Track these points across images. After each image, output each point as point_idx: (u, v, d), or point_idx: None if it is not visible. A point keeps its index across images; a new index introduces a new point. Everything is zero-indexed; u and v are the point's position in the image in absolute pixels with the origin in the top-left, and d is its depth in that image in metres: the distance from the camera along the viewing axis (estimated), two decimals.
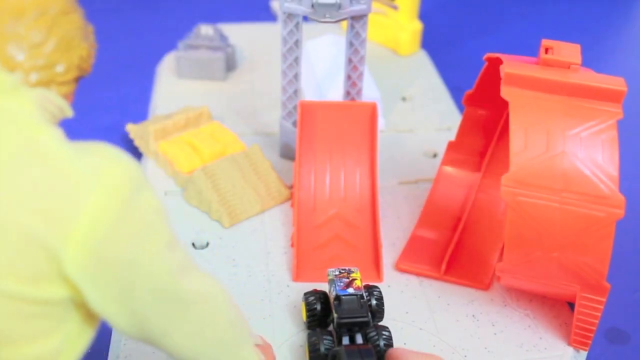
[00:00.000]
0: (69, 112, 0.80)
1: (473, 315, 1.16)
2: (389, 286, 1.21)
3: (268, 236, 1.32)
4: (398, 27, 1.96)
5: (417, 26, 1.97)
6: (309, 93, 1.68)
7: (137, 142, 1.53)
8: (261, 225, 1.34)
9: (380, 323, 1.11)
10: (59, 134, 0.71)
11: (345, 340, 1.02)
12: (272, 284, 1.21)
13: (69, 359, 0.75)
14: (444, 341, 1.11)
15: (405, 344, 1.10)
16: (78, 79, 0.83)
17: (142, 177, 0.71)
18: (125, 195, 0.68)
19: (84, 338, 0.76)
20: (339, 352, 0.97)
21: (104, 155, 0.70)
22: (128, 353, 1.07)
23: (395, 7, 1.95)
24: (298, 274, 1.22)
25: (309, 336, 1.05)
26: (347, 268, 1.10)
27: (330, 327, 1.10)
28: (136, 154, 1.54)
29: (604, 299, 1.04)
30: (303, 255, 1.25)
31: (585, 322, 1.07)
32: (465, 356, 1.08)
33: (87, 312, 0.74)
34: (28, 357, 0.71)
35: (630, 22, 2.45)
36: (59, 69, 0.78)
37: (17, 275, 0.67)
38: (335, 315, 1.03)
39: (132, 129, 1.55)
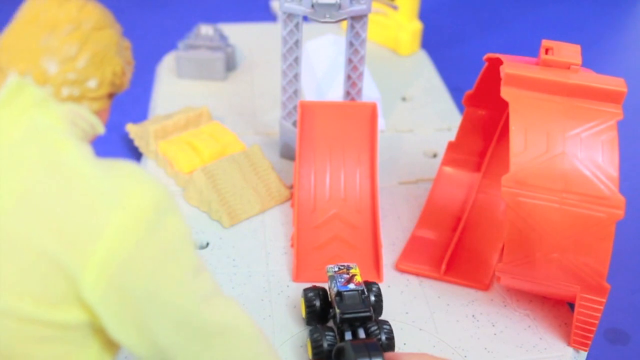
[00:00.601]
0: (101, 129, 0.78)
1: (473, 316, 1.16)
2: (389, 286, 1.21)
3: (268, 236, 1.32)
4: (398, 27, 1.96)
5: (417, 26, 1.97)
6: (309, 93, 1.68)
7: (137, 142, 1.53)
8: (261, 225, 1.34)
9: (381, 318, 1.12)
10: (85, 151, 0.69)
11: (348, 336, 1.03)
12: (272, 284, 1.21)
13: None
14: (443, 341, 1.11)
15: (405, 344, 1.10)
16: (112, 95, 0.81)
17: (168, 201, 0.69)
18: (149, 219, 0.66)
19: None
20: (345, 347, 0.97)
21: (130, 177, 0.68)
22: (128, 353, 1.07)
23: (395, 7, 1.95)
24: (298, 274, 1.22)
25: (311, 332, 1.05)
26: (345, 264, 1.10)
27: (330, 323, 1.10)
28: (136, 154, 1.54)
29: (604, 300, 1.04)
30: (303, 256, 1.25)
31: (585, 322, 1.07)
32: (465, 356, 1.08)
33: (106, 340, 0.72)
34: None
35: (630, 22, 2.45)
36: (91, 84, 0.77)
37: (34, 296, 0.65)
38: (337, 310, 1.03)
39: (132, 129, 1.55)
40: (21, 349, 0.68)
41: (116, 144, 1.59)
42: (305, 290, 1.11)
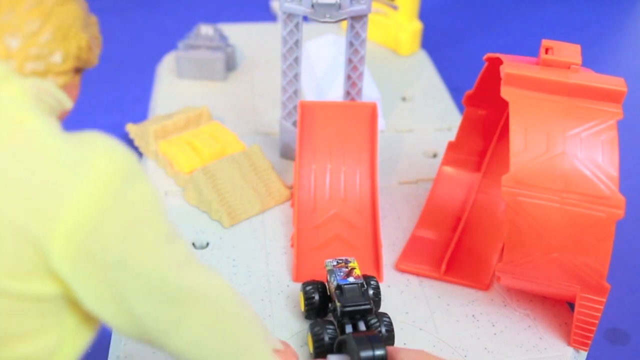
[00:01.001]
0: (68, 104, 0.78)
1: (473, 316, 1.16)
2: (389, 286, 1.21)
3: (268, 236, 1.32)
4: (398, 27, 1.96)
5: (417, 26, 1.97)
6: (309, 93, 1.68)
7: (137, 142, 1.53)
8: (261, 225, 1.34)
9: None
10: (50, 123, 0.69)
11: (349, 329, 1.03)
12: (272, 284, 1.21)
13: (66, 359, 0.73)
14: (443, 341, 1.11)
15: (405, 344, 1.10)
16: (80, 71, 0.80)
17: (135, 168, 0.68)
18: (115, 187, 0.65)
19: (81, 338, 0.74)
20: (347, 339, 0.97)
21: (95, 146, 0.68)
22: (128, 353, 1.07)
23: (395, 7, 1.95)
24: (298, 274, 1.22)
25: (312, 326, 1.06)
26: (344, 258, 1.11)
27: (330, 317, 1.11)
28: (136, 154, 1.54)
29: (604, 300, 1.04)
30: (303, 256, 1.25)
31: (585, 322, 1.07)
32: (465, 356, 1.08)
33: (84, 312, 0.72)
34: (22, 356, 0.69)
35: (630, 22, 2.45)
36: (56, 58, 0.76)
37: (4, 269, 0.65)
38: (338, 304, 1.04)
39: (132, 129, 1.55)
40: None
41: None
42: (304, 284, 1.12)
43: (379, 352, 0.94)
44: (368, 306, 1.04)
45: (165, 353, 0.76)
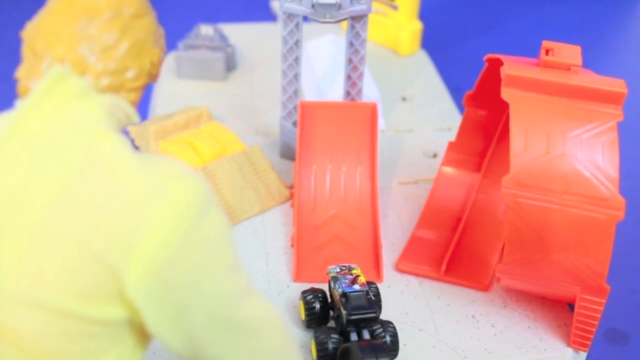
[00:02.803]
0: (136, 120, 0.77)
1: (473, 316, 1.16)
2: (389, 287, 1.21)
3: (268, 236, 1.32)
4: (398, 27, 1.96)
5: (417, 26, 1.97)
6: (309, 93, 1.68)
7: (137, 142, 1.53)
8: (261, 225, 1.34)
9: (381, 317, 1.12)
10: (125, 143, 0.69)
11: (353, 337, 1.03)
12: (272, 284, 1.21)
13: None
14: (443, 342, 1.11)
15: (405, 344, 1.10)
16: (146, 86, 0.79)
17: (209, 196, 0.69)
18: (193, 215, 0.66)
19: (136, 357, 0.74)
20: (352, 348, 0.98)
21: (171, 171, 0.68)
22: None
23: (395, 7, 1.95)
24: (298, 275, 1.22)
25: (316, 333, 1.05)
26: (347, 265, 1.11)
27: (331, 324, 1.10)
28: None
29: (603, 301, 1.04)
30: (303, 256, 1.25)
31: (584, 323, 1.07)
32: (465, 357, 1.09)
33: (140, 333, 0.72)
34: None
35: (630, 22, 2.45)
36: (130, 74, 0.75)
37: (76, 292, 0.65)
38: (344, 312, 1.03)
39: (132, 129, 1.55)
40: (59, 345, 0.67)
41: None
42: (304, 293, 1.11)
43: None
44: (374, 314, 1.03)
45: None
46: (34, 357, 0.68)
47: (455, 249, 1.27)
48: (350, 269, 1.10)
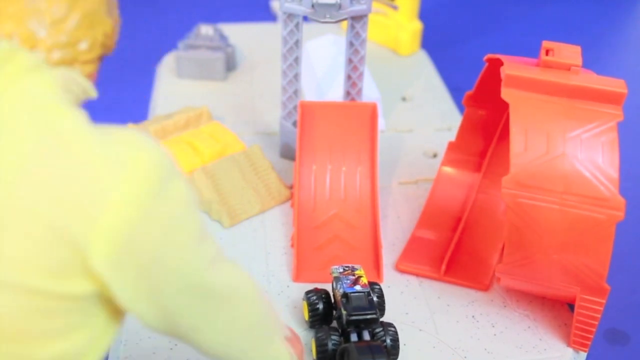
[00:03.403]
0: (93, 93, 0.76)
1: (473, 316, 1.16)
2: (389, 287, 1.21)
3: (268, 236, 1.32)
4: (398, 27, 1.96)
5: (417, 26, 1.97)
6: (309, 93, 1.68)
7: None
8: (261, 225, 1.34)
9: (383, 319, 1.12)
10: (82, 117, 0.67)
11: (353, 337, 1.03)
12: (272, 284, 1.21)
13: (95, 356, 0.73)
14: (443, 342, 1.11)
15: (405, 344, 1.10)
16: (102, 58, 0.78)
17: (171, 166, 0.68)
18: (155, 185, 0.65)
19: (109, 334, 0.73)
20: (349, 349, 0.98)
21: (131, 142, 0.66)
22: (128, 354, 1.07)
23: (395, 7, 1.95)
24: (298, 275, 1.22)
25: (316, 333, 1.05)
26: (350, 265, 1.11)
27: (334, 324, 1.10)
28: None
29: (603, 301, 1.04)
30: (303, 256, 1.25)
31: (584, 323, 1.07)
32: (465, 357, 1.09)
33: (112, 308, 0.72)
34: (55, 355, 0.69)
35: (630, 22, 2.45)
36: (83, 46, 0.73)
37: (41, 269, 0.64)
38: (344, 312, 1.03)
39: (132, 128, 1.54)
40: (30, 323, 0.67)
41: None
42: (308, 294, 1.11)
43: None
44: (374, 315, 1.03)
45: (192, 347, 0.77)
46: (6, 337, 0.67)
47: (455, 249, 1.27)
48: (353, 269, 1.10)
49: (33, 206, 0.63)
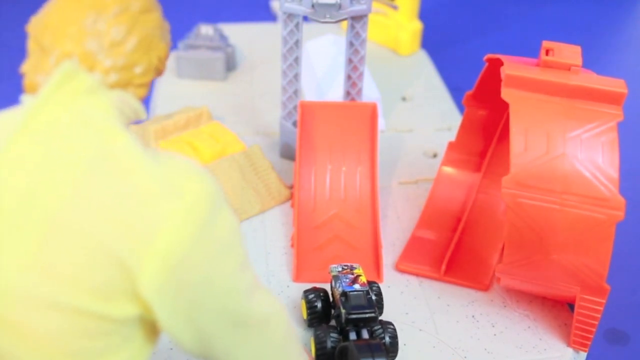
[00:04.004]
0: (144, 115, 0.76)
1: (473, 316, 1.16)
2: (389, 287, 1.21)
3: (268, 236, 1.32)
4: (398, 27, 1.96)
5: (417, 26, 1.97)
6: (309, 93, 1.68)
7: None
8: (261, 225, 1.34)
9: (381, 318, 1.12)
10: (135, 140, 0.68)
11: (352, 336, 1.03)
12: (272, 284, 1.21)
13: None
14: (443, 342, 1.11)
15: (405, 344, 1.10)
16: (152, 82, 0.79)
17: (220, 195, 0.69)
18: (206, 214, 0.66)
19: (145, 355, 0.74)
20: (349, 347, 0.98)
21: (185, 170, 0.68)
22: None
23: (395, 7, 1.95)
24: (298, 275, 1.22)
25: (315, 331, 1.06)
26: (349, 264, 1.11)
27: (333, 323, 1.11)
28: None
29: (603, 301, 1.04)
30: (303, 256, 1.25)
31: (584, 323, 1.07)
32: (465, 357, 1.09)
33: (150, 331, 0.73)
34: None
35: (630, 22, 2.45)
36: (138, 70, 0.74)
37: (89, 290, 0.65)
38: (343, 311, 1.04)
39: (132, 129, 1.54)
40: (73, 343, 0.67)
41: None
42: (306, 292, 1.12)
43: None
44: (373, 314, 1.03)
45: None
46: (47, 355, 0.68)
47: (455, 249, 1.27)
48: (352, 268, 1.10)
49: (86, 226, 0.64)
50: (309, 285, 1.17)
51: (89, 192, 0.64)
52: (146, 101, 1.77)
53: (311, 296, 1.10)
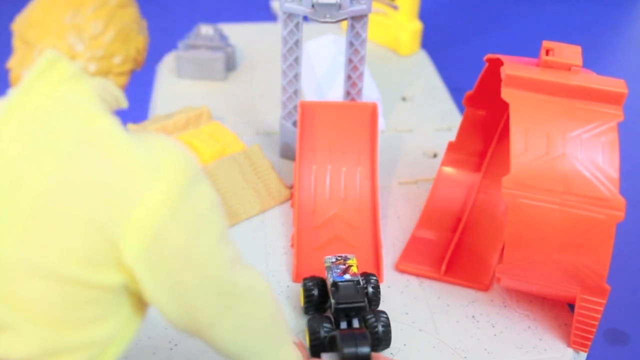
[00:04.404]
0: (124, 103, 0.81)
1: (473, 316, 1.16)
2: (389, 287, 1.21)
3: (268, 236, 1.32)
4: (398, 27, 1.96)
5: (417, 26, 1.97)
6: (309, 93, 1.68)
7: None
8: (261, 225, 1.34)
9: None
10: (117, 122, 0.73)
11: (343, 325, 1.05)
12: (272, 284, 1.21)
13: (120, 346, 0.78)
14: (443, 342, 1.11)
15: (405, 344, 1.10)
16: (132, 72, 0.84)
17: (198, 169, 0.74)
18: (184, 186, 0.71)
19: (133, 326, 0.79)
20: (335, 336, 1.01)
21: (163, 146, 0.73)
22: (128, 354, 1.07)
23: (395, 7, 1.95)
24: (298, 275, 1.22)
25: (309, 321, 1.07)
26: (343, 255, 1.12)
27: (328, 313, 1.12)
28: None
29: (603, 301, 1.04)
30: (303, 256, 1.25)
31: (585, 323, 1.07)
32: (465, 357, 1.08)
33: (137, 301, 0.77)
34: (84, 342, 0.74)
35: (630, 22, 2.45)
36: (117, 60, 0.80)
37: (79, 260, 0.70)
38: (332, 300, 1.05)
39: (132, 129, 1.54)
40: (63, 311, 0.72)
41: None
42: (305, 280, 1.14)
43: (362, 350, 0.97)
44: (362, 304, 1.05)
45: (208, 344, 0.81)
46: (40, 324, 0.72)
47: (455, 249, 1.27)
48: (346, 259, 1.11)
49: (73, 201, 0.69)
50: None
51: (72, 171, 0.69)
52: (146, 101, 1.77)
53: (309, 284, 1.12)
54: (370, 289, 1.12)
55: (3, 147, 0.71)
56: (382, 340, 1.05)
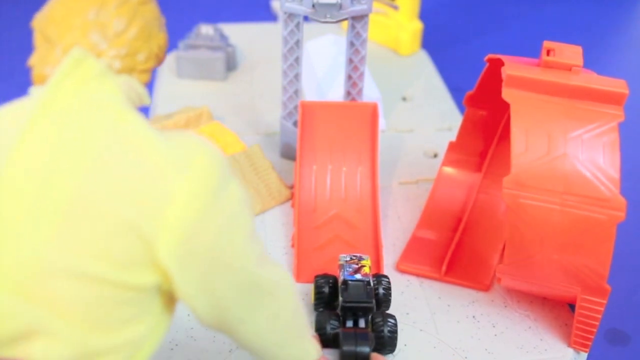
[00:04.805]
0: (148, 100, 0.81)
1: (473, 316, 1.16)
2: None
3: (268, 236, 1.32)
4: (398, 27, 1.96)
5: (417, 26, 1.97)
6: (310, 93, 1.68)
7: None
8: (261, 225, 1.34)
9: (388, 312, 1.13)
10: (145, 120, 0.73)
11: (349, 324, 1.05)
12: None
13: (152, 346, 0.78)
14: (444, 342, 1.11)
15: (406, 345, 1.10)
16: (154, 69, 0.84)
17: (228, 167, 0.74)
18: (215, 184, 0.71)
19: (164, 326, 0.79)
20: (339, 334, 1.02)
21: (194, 145, 0.73)
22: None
23: (395, 7, 1.95)
24: (299, 275, 1.22)
25: (317, 316, 1.08)
26: (358, 255, 1.13)
27: (338, 310, 1.11)
28: None
29: (604, 301, 1.04)
30: (304, 256, 1.25)
31: (585, 323, 1.07)
32: (466, 357, 1.08)
33: (168, 300, 0.77)
34: (119, 344, 0.74)
35: (631, 22, 2.45)
36: (140, 57, 0.79)
37: (111, 259, 0.69)
38: (340, 298, 1.06)
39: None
40: (96, 312, 0.72)
41: None
42: (317, 277, 1.14)
43: (361, 349, 0.98)
44: (368, 305, 1.05)
45: (234, 340, 0.82)
46: (76, 327, 0.72)
47: (455, 249, 1.27)
48: (360, 259, 1.12)
49: (105, 201, 0.69)
50: (310, 286, 1.17)
51: (104, 171, 0.69)
52: None
53: (321, 281, 1.13)
54: (381, 291, 1.12)
55: (34, 148, 0.70)
56: (387, 344, 1.05)
